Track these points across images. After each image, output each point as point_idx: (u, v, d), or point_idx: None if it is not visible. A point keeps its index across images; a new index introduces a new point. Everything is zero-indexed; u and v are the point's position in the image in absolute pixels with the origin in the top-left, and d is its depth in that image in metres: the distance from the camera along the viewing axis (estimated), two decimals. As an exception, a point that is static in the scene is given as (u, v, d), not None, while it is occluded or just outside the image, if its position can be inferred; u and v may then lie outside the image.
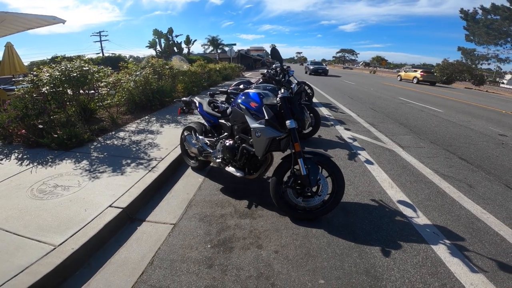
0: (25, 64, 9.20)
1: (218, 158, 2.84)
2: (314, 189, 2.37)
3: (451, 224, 2.49)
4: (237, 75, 17.11)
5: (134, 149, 3.85)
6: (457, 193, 3.09)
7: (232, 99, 5.04)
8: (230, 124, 2.72)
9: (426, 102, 10.96)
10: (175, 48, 29.90)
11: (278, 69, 6.23)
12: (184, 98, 3.62)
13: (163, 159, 3.52)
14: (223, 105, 3.06)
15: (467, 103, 12.34)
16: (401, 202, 2.83)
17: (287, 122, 2.23)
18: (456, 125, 6.87)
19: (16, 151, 3.74)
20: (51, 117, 4.21)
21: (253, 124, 2.35)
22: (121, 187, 2.78)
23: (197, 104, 3.23)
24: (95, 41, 39.43)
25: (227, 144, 2.68)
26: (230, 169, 2.74)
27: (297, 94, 2.37)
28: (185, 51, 32.20)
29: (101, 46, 34.96)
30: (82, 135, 3.95)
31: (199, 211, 2.62)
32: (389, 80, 25.67)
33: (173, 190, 3.03)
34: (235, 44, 29.34)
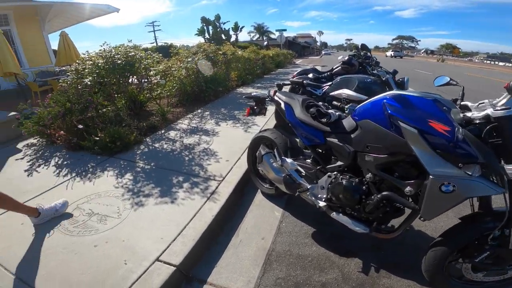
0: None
1: (321, 200, 1.73)
2: None
3: None
4: (289, 62, 15.69)
5: (186, 158, 2.97)
6: None
7: (302, 90, 3.80)
8: (352, 150, 1.55)
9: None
10: (222, 35, 29.29)
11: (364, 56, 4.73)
12: (256, 93, 2.55)
13: (224, 178, 2.55)
14: (335, 112, 1.78)
15: None
16: None
17: None
18: None
19: (58, 154, 3.15)
20: (99, 112, 3.56)
21: (442, 169, 1.16)
22: (171, 225, 1.93)
23: (283, 106, 2.04)
24: (149, 31, 41.03)
25: (347, 184, 1.54)
26: (342, 218, 1.64)
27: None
28: (233, 38, 31.46)
29: (155, 36, 36.00)
30: (127, 137, 3.20)
31: (285, 273, 1.65)
32: (471, 71, 21.28)
33: (241, 231, 2.07)
34: (285, 30, 27.30)
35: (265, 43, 30.93)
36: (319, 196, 1.75)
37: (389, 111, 1.29)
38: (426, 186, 1.20)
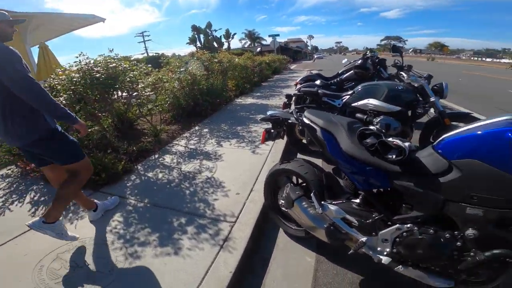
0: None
1: (382, 254, 1.29)
2: None
3: None
4: (283, 67, 15.37)
5: (187, 191, 2.48)
6: None
7: (310, 100, 3.39)
8: (441, 198, 1.08)
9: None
10: (215, 43, 29.12)
11: (372, 58, 4.24)
12: (274, 112, 2.05)
13: (237, 218, 2.07)
14: (408, 144, 1.17)
15: None
16: None
17: None
18: None
19: (34, 187, 2.64)
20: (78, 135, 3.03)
21: None
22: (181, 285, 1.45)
23: (320, 134, 1.49)
24: (139, 42, 40.46)
25: (431, 240, 1.12)
26: (415, 273, 1.21)
27: None
28: (226, 45, 31.24)
29: (145, 46, 35.21)
30: (114, 166, 2.69)
31: None
32: (466, 68, 21.31)
33: (266, 286, 1.61)
34: (278, 35, 27.07)
35: (258, 49, 30.61)
36: (379, 249, 1.30)
37: None
38: None
